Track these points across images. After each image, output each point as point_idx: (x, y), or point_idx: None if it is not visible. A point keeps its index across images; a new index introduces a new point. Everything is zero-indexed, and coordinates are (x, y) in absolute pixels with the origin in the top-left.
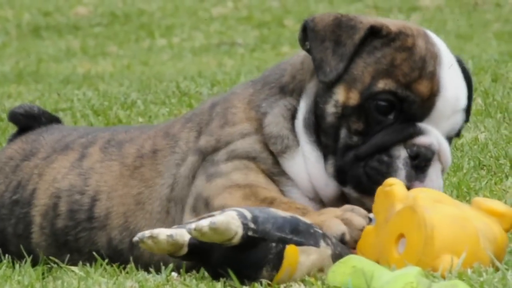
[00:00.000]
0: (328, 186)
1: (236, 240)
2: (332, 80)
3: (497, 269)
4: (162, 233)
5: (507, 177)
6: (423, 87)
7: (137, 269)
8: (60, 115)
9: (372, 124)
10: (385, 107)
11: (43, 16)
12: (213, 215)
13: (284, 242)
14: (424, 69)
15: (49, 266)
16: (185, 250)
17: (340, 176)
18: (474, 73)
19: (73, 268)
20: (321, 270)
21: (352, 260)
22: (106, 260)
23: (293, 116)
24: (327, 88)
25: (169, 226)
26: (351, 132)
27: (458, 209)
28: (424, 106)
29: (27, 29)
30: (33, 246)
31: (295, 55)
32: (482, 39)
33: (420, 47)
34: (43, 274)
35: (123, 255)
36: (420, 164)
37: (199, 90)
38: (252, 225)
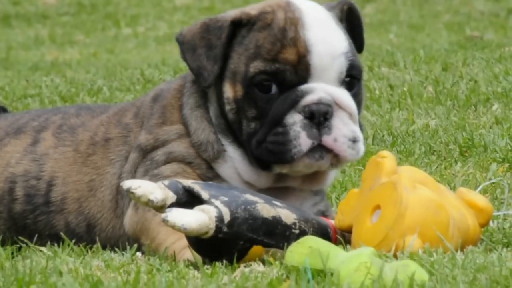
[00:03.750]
0: (260, 176)
1: (206, 236)
2: (211, 83)
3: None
4: (144, 196)
5: (456, 162)
6: (288, 55)
7: (104, 249)
8: (29, 101)
9: (262, 105)
10: (264, 85)
11: (13, 5)
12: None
13: (253, 242)
14: (285, 37)
15: (18, 246)
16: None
17: (261, 163)
18: (425, 62)
19: (41, 248)
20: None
21: (308, 241)
22: (74, 240)
23: (210, 121)
24: (218, 90)
25: (118, 216)
26: (249, 121)
27: (438, 195)
28: (298, 70)
29: None
30: None
31: None
32: (433, 30)
33: (278, 19)
34: (12, 253)
35: (82, 238)
36: (319, 120)
37: (162, 77)
38: (225, 229)
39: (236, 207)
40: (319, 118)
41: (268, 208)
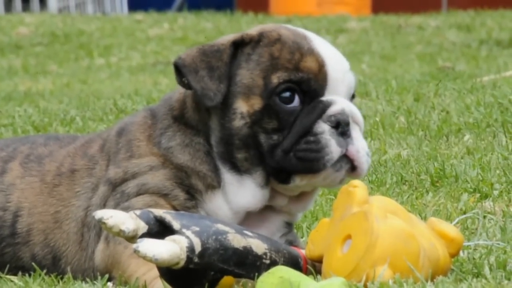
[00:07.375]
0: (255, 197)
1: (177, 267)
2: (219, 102)
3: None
4: (116, 226)
5: (427, 192)
6: (310, 63)
7: (75, 279)
8: (2, 130)
9: (284, 117)
10: (288, 96)
11: None
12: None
13: (223, 272)
14: (302, 48)
15: None
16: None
17: (280, 176)
18: (397, 92)
19: (12, 278)
20: None
21: (279, 271)
22: (45, 271)
23: (208, 153)
24: (225, 110)
25: (83, 249)
26: (269, 133)
27: (409, 225)
28: (319, 79)
29: None
30: None
31: (176, 92)
32: (405, 60)
33: (286, 35)
34: None
35: (48, 270)
36: (343, 130)
37: (135, 107)
38: (196, 260)
39: (207, 237)
40: (343, 128)
41: (239, 238)
